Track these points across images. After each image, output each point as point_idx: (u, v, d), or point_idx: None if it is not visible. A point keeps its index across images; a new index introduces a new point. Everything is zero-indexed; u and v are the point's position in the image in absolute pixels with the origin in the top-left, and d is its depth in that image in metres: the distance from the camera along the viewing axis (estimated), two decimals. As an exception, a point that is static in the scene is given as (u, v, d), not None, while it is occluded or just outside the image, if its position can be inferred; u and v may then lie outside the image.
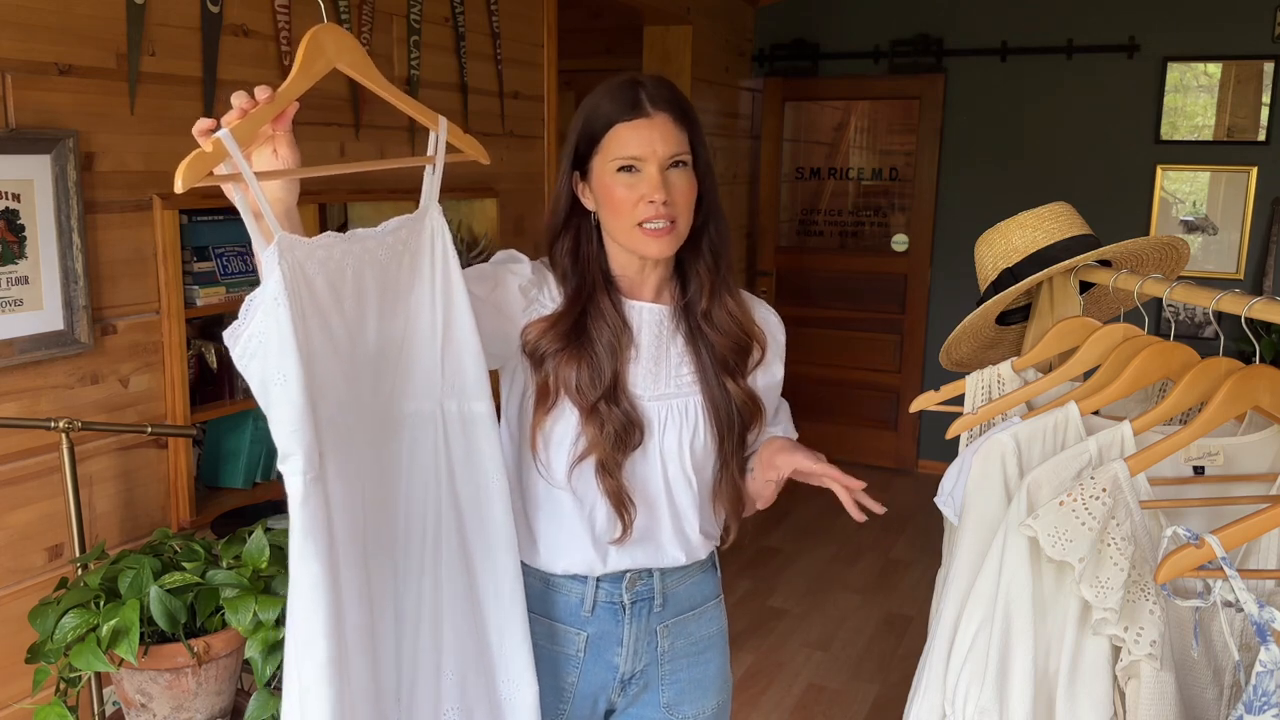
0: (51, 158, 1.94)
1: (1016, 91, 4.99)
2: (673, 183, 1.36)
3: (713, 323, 1.44)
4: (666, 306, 1.45)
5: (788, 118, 5.59)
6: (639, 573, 1.46)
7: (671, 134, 1.36)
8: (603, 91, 1.40)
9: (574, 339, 1.38)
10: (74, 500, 1.89)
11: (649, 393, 1.42)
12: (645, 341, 1.43)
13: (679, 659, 1.51)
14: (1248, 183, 4.67)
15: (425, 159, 1.28)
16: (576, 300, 1.40)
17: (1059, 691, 1.27)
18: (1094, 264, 1.65)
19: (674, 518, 1.44)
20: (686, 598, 1.51)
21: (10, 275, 1.90)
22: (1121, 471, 1.24)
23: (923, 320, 5.36)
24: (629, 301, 1.43)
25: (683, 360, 1.44)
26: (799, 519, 4.77)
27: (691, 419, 1.43)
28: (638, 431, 1.39)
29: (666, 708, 1.51)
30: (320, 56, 1.15)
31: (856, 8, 5.29)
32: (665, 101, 1.36)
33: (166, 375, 2.22)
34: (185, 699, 1.77)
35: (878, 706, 3.16)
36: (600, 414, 1.37)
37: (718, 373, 1.43)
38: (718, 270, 1.44)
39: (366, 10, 2.73)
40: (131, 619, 1.65)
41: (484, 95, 3.28)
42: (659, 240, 1.36)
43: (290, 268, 1.06)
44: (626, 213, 1.35)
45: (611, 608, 1.45)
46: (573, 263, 1.42)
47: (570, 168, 1.41)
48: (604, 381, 1.37)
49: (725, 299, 1.44)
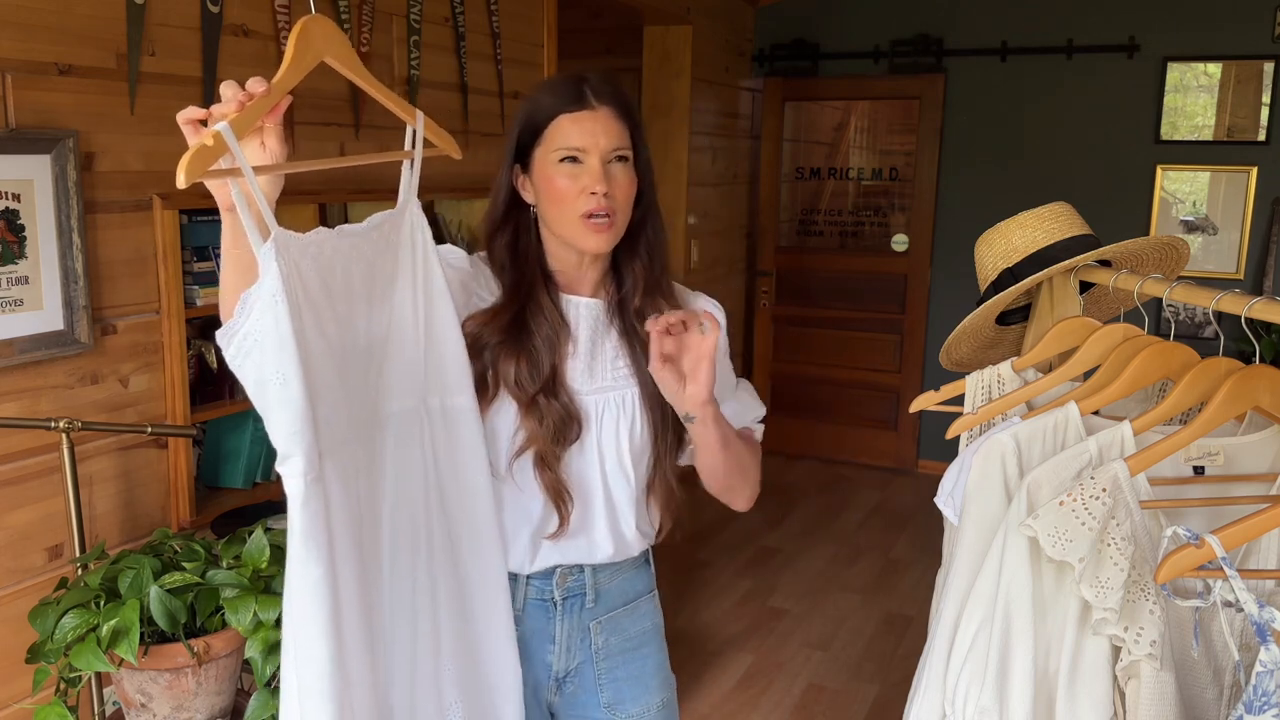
0: (51, 158, 1.94)
1: (1016, 91, 4.99)
2: (614, 176, 1.36)
3: (644, 318, 1.42)
4: (602, 301, 1.45)
5: (788, 118, 5.59)
6: (569, 569, 1.45)
7: (614, 128, 1.36)
8: (546, 85, 1.41)
9: (513, 332, 1.38)
10: (74, 500, 1.89)
11: (586, 387, 1.42)
12: (583, 336, 1.43)
13: (614, 656, 1.51)
14: (1248, 183, 4.67)
15: (404, 154, 1.28)
16: (516, 295, 1.40)
17: (1059, 691, 1.27)
18: (1094, 264, 1.65)
19: (609, 513, 1.44)
20: (619, 593, 1.51)
21: (10, 275, 1.90)
22: (1121, 471, 1.24)
23: (923, 320, 5.36)
24: (566, 297, 1.43)
25: (618, 354, 1.44)
26: (799, 519, 4.77)
27: (629, 411, 1.43)
28: (575, 425, 1.39)
29: (608, 708, 1.51)
30: (309, 49, 1.14)
31: (856, 8, 5.29)
32: (609, 96, 1.37)
33: (166, 375, 2.22)
34: (185, 699, 1.77)
35: (878, 706, 3.16)
36: (539, 407, 1.37)
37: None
38: (652, 268, 1.44)
39: (366, 10, 2.73)
40: (131, 619, 1.65)
41: (484, 95, 3.28)
42: (599, 235, 1.36)
43: (287, 264, 1.05)
44: (569, 203, 1.35)
45: (542, 604, 1.45)
46: (511, 257, 1.42)
47: (511, 160, 1.41)
48: (542, 375, 1.37)
49: (658, 298, 1.44)
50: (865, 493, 5.18)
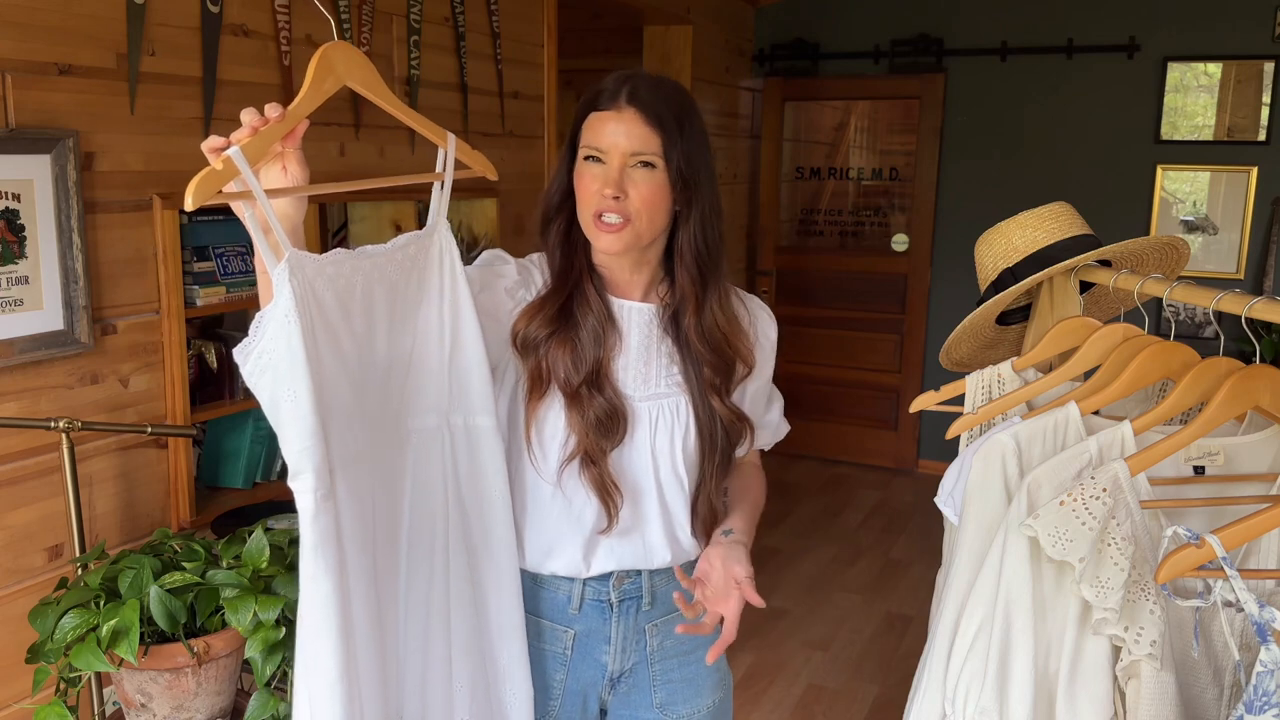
0: (51, 158, 1.94)
1: (1016, 91, 4.99)
2: (633, 181, 1.34)
3: (698, 336, 1.42)
4: (654, 305, 1.44)
5: (788, 118, 5.59)
6: (626, 572, 1.45)
7: (638, 132, 1.33)
8: (605, 79, 1.39)
9: (561, 322, 1.37)
10: (74, 500, 1.89)
11: (640, 392, 1.41)
12: (634, 341, 1.42)
13: (669, 658, 1.51)
14: (1248, 183, 4.67)
15: (434, 176, 1.28)
16: (564, 283, 1.39)
17: (1059, 691, 1.27)
18: (1094, 264, 1.65)
19: (665, 518, 1.43)
20: None
21: (10, 275, 1.90)
22: (1122, 471, 1.24)
23: (923, 320, 5.36)
24: (616, 299, 1.43)
25: (673, 360, 1.43)
26: (799, 519, 4.77)
27: (684, 419, 1.42)
28: (621, 422, 1.38)
29: (660, 708, 1.51)
30: (330, 74, 1.15)
31: (856, 8, 5.29)
32: (642, 100, 1.33)
33: (166, 375, 2.22)
34: (185, 699, 1.77)
35: (878, 706, 3.16)
36: (582, 399, 1.36)
37: (703, 386, 1.42)
38: (703, 285, 1.41)
39: (366, 10, 2.73)
40: (131, 619, 1.65)
41: (484, 95, 3.28)
42: (608, 235, 1.35)
43: (300, 285, 1.06)
44: (587, 202, 1.36)
45: (599, 605, 1.45)
46: (562, 245, 1.42)
47: (567, 150, 1.41)
48: (587, 366, 1.37)
49: (709, 315, 1.42)
50: (865, 493, 5.18)
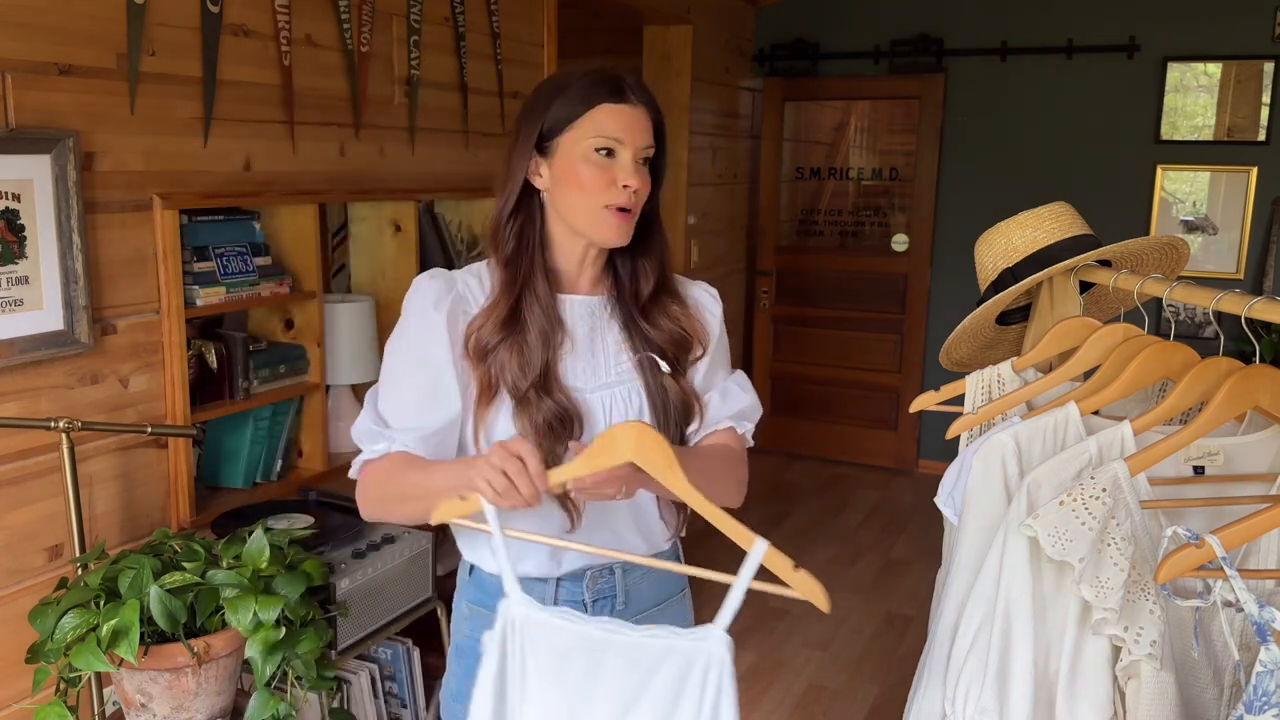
0: (51, 158, 1.94)
1: (1016, 91, 4.99)
2: (640, 175, 1.36)
3: (651, 320, 1.44)
4: (599, 297, 1.45)
5: (788, 118, 5.59)
6: (599, 570, 1.45)
7: (648, 128, 1.37)
8: (581, 72, 1.38)
9: (510, 327, 1.37)
10: (74, 500, 1.89)
11: (590, 384, 1.41)
12: (580, 334, 1.42)
13: None
14: (1248, 183, 4.67)
15: (724, 576, 1.16)
16: (512, 286, 1.38)
17: (1059, 691, 1.27)
18: (1094, 264, 1.65)
19: (631, 507, 1.42)
20: (650, 594, 1.50)
21: (10, 275, 1.90)
22: (1122, 471, 1.24)
23: (923, 320, 5.36)
24: (562, 296, 1.42)
25: (620, 349, 1.43)
26: (799, 519, 4.77)
27: (636, 404, 1.42)
28: (574, 423, 1.37)
29: None
30: (608, 453, 1.17)
31: (856, 8, 5.29)
32: (645, 96, 1.38)
33: (166, 375, 2.22)
34: (185, 699, 1.77)
35: (878, 706, 3.16)
36: (530, 403, 1.35)
37: (655, 368, 1.43)
38: (663, 269, 1.45)
39: (366, 10, 2.73)
40: (131, 619, 1.65)
41: (484, 95, 3.27)
42: (622, 227, 1.36)
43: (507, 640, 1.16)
44: (594, 194, 1.34)
45: (573, 605, 1.44)
46: (516, 245, 1.40)
47: (532, 144, 1.38)
48: (534, 370, 1.36)
49: (667, 301, 1.45)
50: (865, 493, 5.18)
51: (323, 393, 2.68)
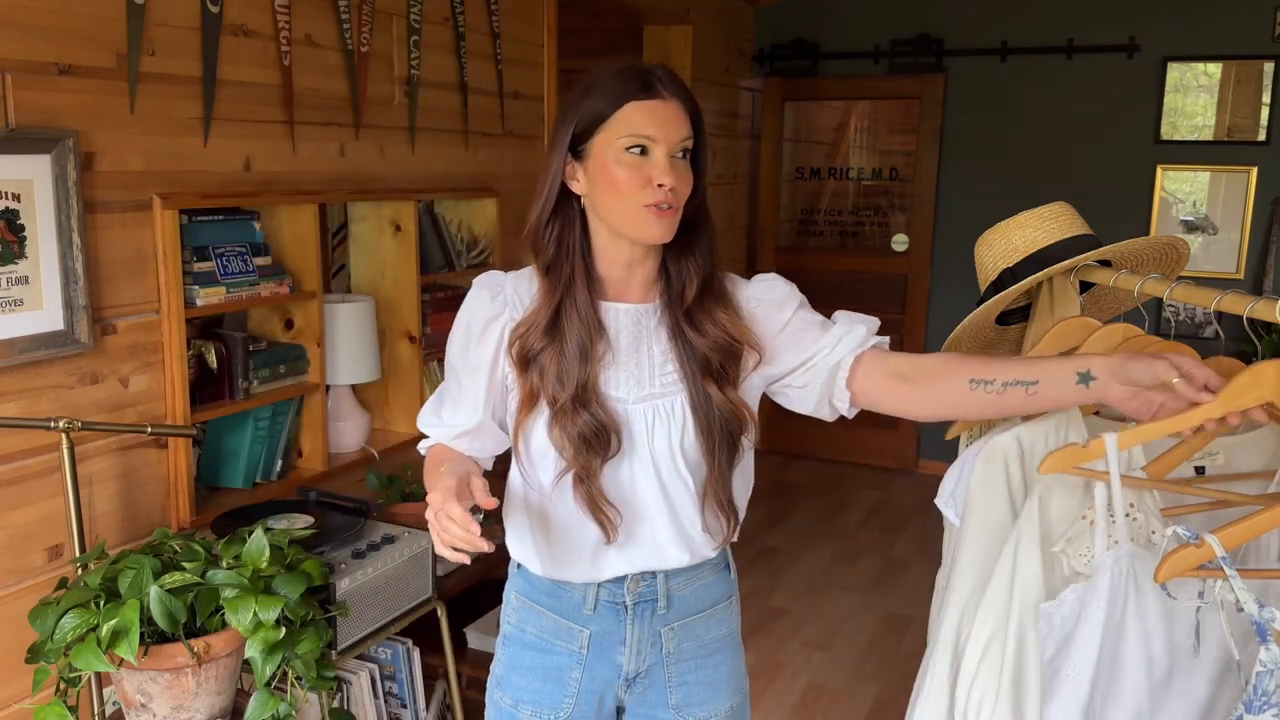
0: (51, 158, 1.94)
1: (1016, 91, 4.99)
2: (678, 170, 1.32)
3: (696, 325, 1.38)
4: (649, 304, 1.41)
5: (788, 118, 5.59)
6: (639, 575, 1.43)
7: (682, 120, 1.33)
8: (608, 72, 1.35)
9: (552, 335, 1.35)
10: (74, 500, 1.89)
11: (633, 395, 1.37)
12: (624, 344, 1.39)
13: (686, 661, 1.48)
14: (1248, 183, 4.67)
15: None
16: (553, 293, 1.36)
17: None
18: (1094, 264, 1.65)
19: (673, 519, 1.40)
20: (694, 600, 1.48)
21: (10, 275, 1.90)
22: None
23: (923, 320, 5.35)
24: (606, 304, 1.39)
25: (666, 358, 1.39)
26: (799, 519, 4.77)
27: (679, 418, 1.38)
28: (612, 437, 1.35)
29: (676, 709, 1.49)
30: (1254, 390, 1.16)
31: (856, 8, 5.29)
32: (676, 87, 1.34)
33: (166, 375, 2.22)
34: (185, 699, 1.77)
35: (878, 706, 3.16)
36: (567, 415, 1.34)
37: (700, 376, 1.38)
38: (706, 267, 1.40)
39: (366, 10, 2.73)
40: (131, 619, 1.65)
41: (484, 95, 3.27)
42: (663, 220, 1.32)
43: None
44: (631, 194, 1.31)
45: (614, 607, 1.44)
46: (556, 251, 1.38)
47: (566, 148, 1.36)
48: (573, 381, 1.34)
49: (711, 304, 1.39)
50: (865, 493, 5.18)
51: (322, 393, 2.68)
